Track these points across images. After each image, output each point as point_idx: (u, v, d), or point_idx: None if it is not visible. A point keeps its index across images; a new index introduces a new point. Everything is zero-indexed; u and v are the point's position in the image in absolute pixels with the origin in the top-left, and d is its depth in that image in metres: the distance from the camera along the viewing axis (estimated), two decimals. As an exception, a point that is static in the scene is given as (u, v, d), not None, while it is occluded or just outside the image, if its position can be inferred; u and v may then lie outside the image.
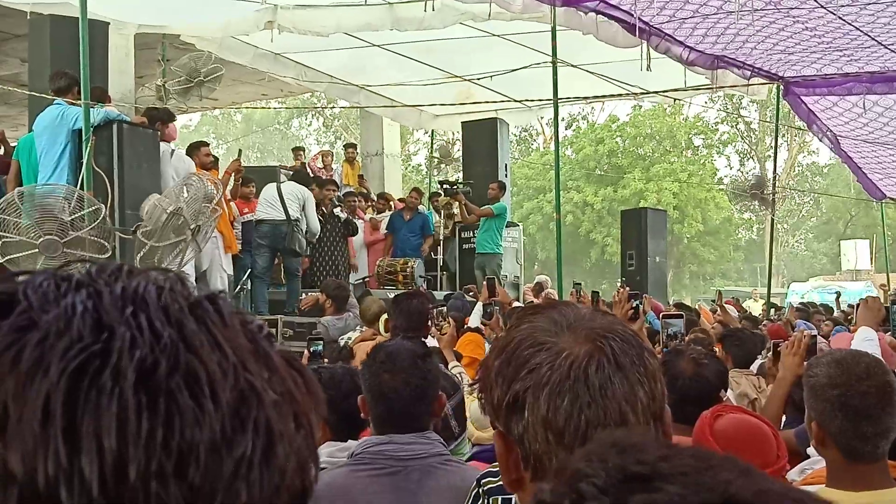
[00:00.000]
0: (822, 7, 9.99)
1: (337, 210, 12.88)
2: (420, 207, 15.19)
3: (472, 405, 4.43)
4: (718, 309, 12.04)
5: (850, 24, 10.38)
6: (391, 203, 16.26)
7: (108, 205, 8.56)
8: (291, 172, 14.19)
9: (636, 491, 0.62)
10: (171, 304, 0.64)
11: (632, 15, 10.10)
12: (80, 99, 8.93)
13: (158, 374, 0.60)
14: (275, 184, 11.94)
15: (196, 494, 0.59)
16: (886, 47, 10.81)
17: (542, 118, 28.28)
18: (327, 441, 3.56)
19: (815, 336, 5.14)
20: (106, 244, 7.98)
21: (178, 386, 0.60)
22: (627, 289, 5.94)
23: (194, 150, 11.13)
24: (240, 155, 12.63)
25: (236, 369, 0.62)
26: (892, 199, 18.28)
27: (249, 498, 0.61)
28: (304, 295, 11.60)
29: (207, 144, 11.81)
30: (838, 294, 18.67)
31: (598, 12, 10.17)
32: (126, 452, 0.58)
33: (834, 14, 10.21)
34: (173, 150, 10.35)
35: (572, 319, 1.36)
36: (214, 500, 0.60)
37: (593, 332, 1.33)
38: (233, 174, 11.92)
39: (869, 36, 10.61)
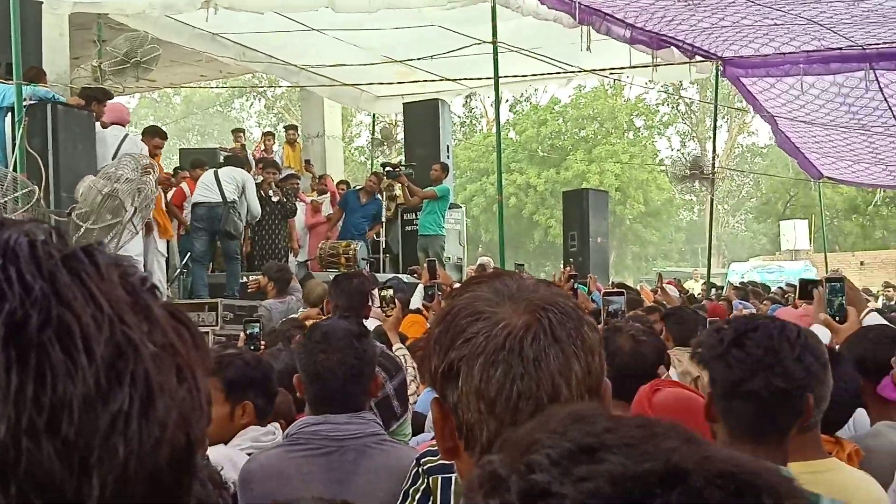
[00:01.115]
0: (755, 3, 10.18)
1: (270, 193, 12.83)
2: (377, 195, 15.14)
3: None
4: (659, 290, 12.18)
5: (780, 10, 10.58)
6: (330, 185, 16.18)
7: (43, 187, 8.43)
8: (225, 155, 14.13)
9: (581, 462, 0.62)
10: (43, 256, 0.61)
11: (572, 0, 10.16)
12: (6, 78, 8.79)
13: (29, 328, 0.57)
14: (212, 169, 11.86)
15: (71, 450, 0.57)
16: (820, 24, 11.00)
17: (486, 97, 28.49)
18: (251, 424, 3.53)
19: (754, 314, 5.19)
20: (40, 227, 7.83)
21: (50, 340, 0.58)
22: (569, 269, 5.95)
23: (149, 134, 11.08)
24: (175, 174, 12.61)
25: (112, 322, 0.60)
26: (829, 178, 18.55)
27: (127, 452, 0.59)
28: (244, 278, 11.54)
29: (164, 137, 11.79)
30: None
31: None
32: None
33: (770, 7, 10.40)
34: (126, 135, 10.22)
35: (514, 290, 1.34)
36: (91, 455, 0.58)
37: (533, 303, 1.32)
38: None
39: (802, 17, 10.81)
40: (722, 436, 2.29)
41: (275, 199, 12.91)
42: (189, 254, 11.64)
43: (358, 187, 15.29)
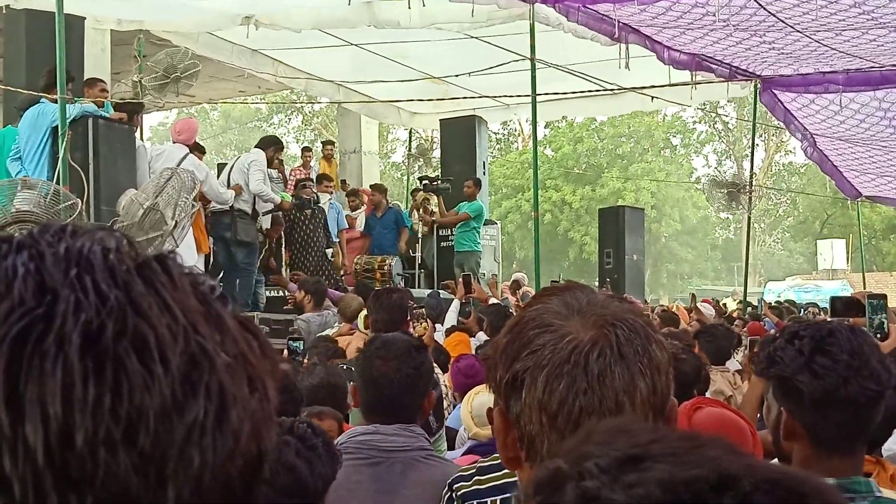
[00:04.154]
0: (795, 30, 10.16)
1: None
2: (393, 203, 15.17)
3: (476, 400, 4.41)
4: (693, 309, 12.15)
5: (822, 44, 10.57)
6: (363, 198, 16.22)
7: (84, 200, 8.51)
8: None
9: (629, 471, 0.64)
10: (117, 265, 0.61)
11: (611, 18, 10.14)
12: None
13: (105, 338, 0.58)
14: (229, 164, 11.72)
15: (147, 461, 0.57)
16: (861, 58, 11.01)
17: (520, 118, 28.52)
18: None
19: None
20: (81, 240, 7.89)
21: (126, 350, 0.58)
22: (606, 289, 5.90)
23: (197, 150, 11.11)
24: None
25: (186, 332, 0.60)
26: (867, 197, 18.37)
27: (202, 463, 0.59)
28: (279, 291, 11.53)
29: (203, 151, 11.84)
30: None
31: (576, 20, 10.21)
32: (72, 419, 0.56)
33: (810, 38, 10.39)
34: (187, 154, 10.25)
35: (584, 304, 1.34)
36: (166, 466, 0.58)
37: (602, 318, 1.31)
38: None
39: (838, 51, 10.83)
40: (804, 452, 2.16)
41: (307, 210, 12.82)
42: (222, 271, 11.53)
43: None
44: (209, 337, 0.62)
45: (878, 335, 3.84)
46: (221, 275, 11.38)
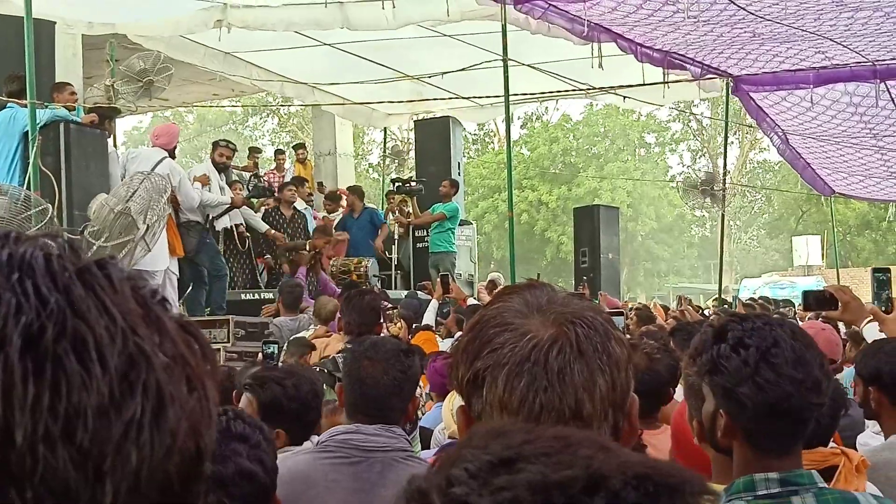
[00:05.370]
0: (766, 20, 10.20)
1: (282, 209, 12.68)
2: (370, 205, 15.19)
3: (457, 399, 4.43)
4: (684, 311, 12.11)
5: (794, 27, 10.60)
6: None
7: (56, 205, 8.47)
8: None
9: (500, 473, 0.65)
10: (58, 270, 0.63)
11: (581, 18, 10.16)
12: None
13: (45, 339, 0.59)
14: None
15: (85, 457, 0.59)
16: (830, 39, 11.01)
17: (496, 118, 28.47)
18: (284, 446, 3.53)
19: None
20: (53, 245, 7.83)
21: (65, 351, 0.59)
22: (583, 287, 5.91)
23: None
24: None
25: (125, 333, 0.62)
26: (840, 194, 18.50)
27: (140, 460, 0.61)
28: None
29: (173, 156, 11.79)
30: None
31: (547, 20, 10.22)
32: (12, 417, 0.57)
33: (780, 24, 10.43)
34: (164, 158, 10.20)
35: (544, 302, 1.35)
36: (104, 462, 0.59)
37: (562, 315, 1.32)
38: None
39: (809, 31, 10.84)
40: (743, 452, 2.13)
41: (287, 214, 12.81)
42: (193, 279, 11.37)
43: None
44: (147, 338, 0.63)
45: (884, 308, 3.87)
46: (207, 281, 11.32)
